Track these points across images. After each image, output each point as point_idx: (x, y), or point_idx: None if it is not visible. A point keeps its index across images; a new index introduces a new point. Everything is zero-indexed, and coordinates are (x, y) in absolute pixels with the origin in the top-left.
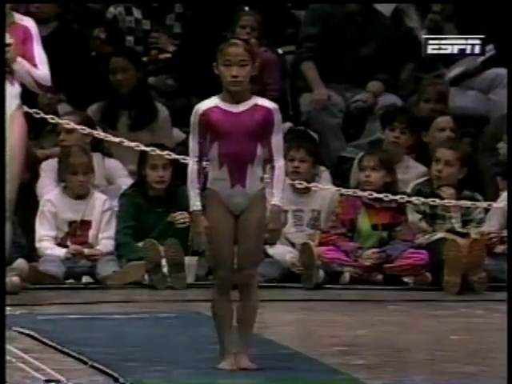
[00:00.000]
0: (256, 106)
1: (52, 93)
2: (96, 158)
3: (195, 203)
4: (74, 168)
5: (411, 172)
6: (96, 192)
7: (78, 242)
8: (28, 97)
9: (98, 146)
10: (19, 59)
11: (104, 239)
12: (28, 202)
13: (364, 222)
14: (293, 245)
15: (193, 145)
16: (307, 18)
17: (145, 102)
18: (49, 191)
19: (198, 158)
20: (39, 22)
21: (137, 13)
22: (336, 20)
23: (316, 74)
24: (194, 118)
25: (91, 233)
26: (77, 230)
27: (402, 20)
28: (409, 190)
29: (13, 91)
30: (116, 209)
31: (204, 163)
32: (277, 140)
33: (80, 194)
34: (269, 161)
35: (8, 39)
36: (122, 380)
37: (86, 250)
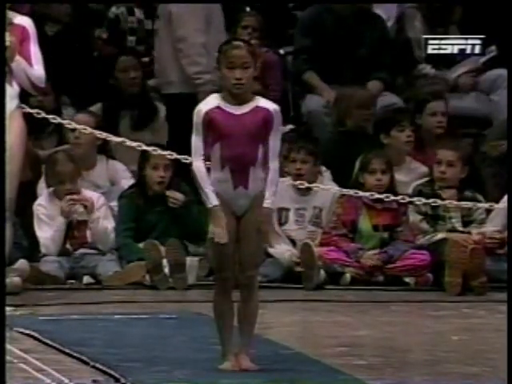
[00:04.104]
0: (257, 107)
1: (45, 94)
2: (100, 159)
3: (212, 201)
4: (60, 177)
5: (414, 173)
6: (87, 191)
7: (76, 244)
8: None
9: (102, 147)
10: (17, 57)
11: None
12: (29, 203)
13: (365, 223)
14: (294, 242)
15: (197, 144)
16: (299, 30)
17: (146, 102)
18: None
19: (203, 156)
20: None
21: (139, 13)
22: (327, 27)
23: (319, 80)
24: (196, 118)
25: (89, 232)
26: (74, 232)
27: (403, 29)
28: (410, 191)
29: (12, 92)
30: (114, 205)
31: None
32: (274, 142)
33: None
34: (264, 163)
35: (8, 37)
36: (123, 380)
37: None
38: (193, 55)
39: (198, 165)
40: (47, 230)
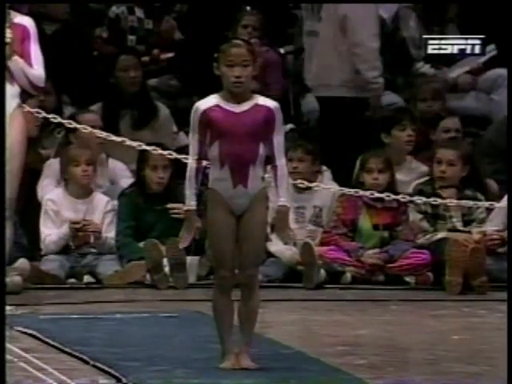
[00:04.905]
0: (257, 105)
1: (46, 94)
2: (100, 158)
3: (190, 202)
4: (75, 159)
5: (414, 173)
6: (98, 193)
7: (79, 242)
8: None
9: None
10: (15, 57)
11: (107, 239)
12: (30, 202)
13: (365, 222)
14: (294, 242)
15: (193, 143)
16: (299, 29)
17: (146, 101)
18: (50, 191)
19: (197, 156)
20: (47, 19)
21: (139, 12)
22: None
23: None
24: (194, 116)
25: (93, 233)
26: (78, 231)
27: (399, 28)
28: (410, 190)
29: (12, 91)
30: (114, 205)
31: (205, 162)
32: (278, 139)
33: (84, 188)
34: (270, 160)
35: (8, 34)
36: (124, 380)
37: (90, 227)
38: (371, 60)
39: (190, 165)
40: (51, 227)
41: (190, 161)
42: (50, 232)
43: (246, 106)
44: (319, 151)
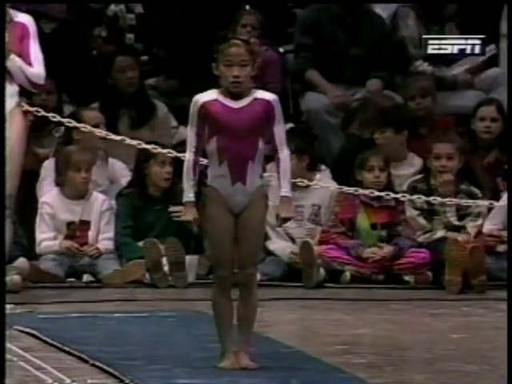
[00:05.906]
0: (255, 99)
1: (48, 93)
2: (99, 157)
3: (188, 194)
4: (77, 165)
5: (415, 168)
6: (95, 192)
7: (78, 243)
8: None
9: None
10: (12, 56)
11: (104, 240)
12: (29, 202)
13: (363, 221)
14: (293, 240)
15: (190, 136)
16: (298, 28)
17: (143, 101)
18: (48, 191)
19: (195, 148)
20: (46, 18)
21: (138, 10)
22: (326, 26)
23: (322, 79)
24: (193, 109)
25: (91, 233)
26: (76, 231)
27: (397, 28)
28: (404, 187)
29: (11, 90)
30: (113, 203)
31: (204, 161)
32: (279, 131)
33: (81, 192)
34: (273, 154)
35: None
36: (126, 381)
37: (84, 248)
38: None
39: (188, 157)
40: (46, 231)
41: (188, 153)
42: (44, 236)
43: (244, 102)
44: (310, 149)
